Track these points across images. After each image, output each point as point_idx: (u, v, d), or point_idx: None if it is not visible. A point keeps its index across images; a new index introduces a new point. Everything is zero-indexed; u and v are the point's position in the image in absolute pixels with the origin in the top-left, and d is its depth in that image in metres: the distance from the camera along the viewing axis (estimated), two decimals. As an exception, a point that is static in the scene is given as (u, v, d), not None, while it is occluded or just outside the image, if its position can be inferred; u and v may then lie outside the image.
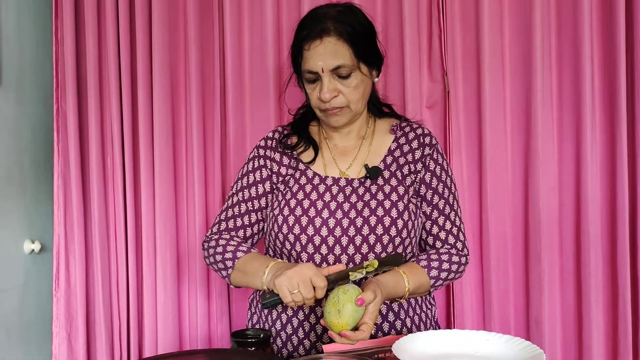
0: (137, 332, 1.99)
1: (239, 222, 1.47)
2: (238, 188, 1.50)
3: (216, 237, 1.46)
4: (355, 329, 1.20)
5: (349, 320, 1.18)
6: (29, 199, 1.99)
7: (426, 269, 1.39)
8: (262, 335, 1.25)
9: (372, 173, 1.42)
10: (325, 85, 1.36)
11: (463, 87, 1.87)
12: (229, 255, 1.40)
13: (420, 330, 1.44)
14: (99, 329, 1.95)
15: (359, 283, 1.32)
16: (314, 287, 1.21)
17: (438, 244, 1.46)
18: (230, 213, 1.48)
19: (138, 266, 1.98)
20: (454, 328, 1.87)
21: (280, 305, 1.38)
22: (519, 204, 1.87)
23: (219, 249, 1.42)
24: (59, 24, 1.93)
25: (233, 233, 1.47)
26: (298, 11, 1.89)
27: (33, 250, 1.96)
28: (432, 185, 1.45)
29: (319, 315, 1.40)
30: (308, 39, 1.36)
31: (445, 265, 1.42)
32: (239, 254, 1.39)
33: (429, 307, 1.51)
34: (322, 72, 1.35)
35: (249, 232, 1.48)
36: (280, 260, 1.34)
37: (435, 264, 1.41)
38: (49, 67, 1.99)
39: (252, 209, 1.47)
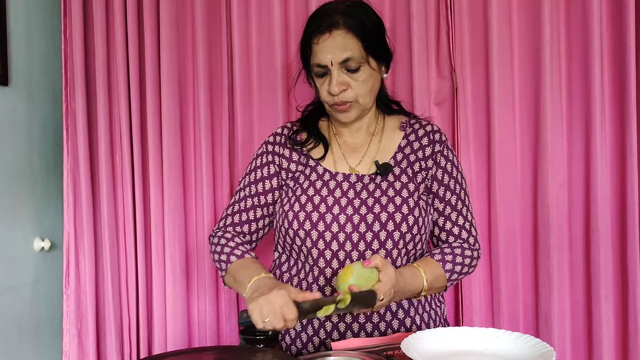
0: (146, 329, 2.00)
1: (244, 217, 1.48)
2: (245, 183, 1.50)
3: (220, 233, 1.47)
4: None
5: (359, 282, 1.21)
6: (39, 197, 2.00)
7: (441, 262, 1.40)
8: (270, 333, 1.26)
9: (383, 169, 1.42)
10: (334, 79, 1.36)
11: (471, 83, 1.87)
12: (224, 257, 1.41)
13: (429, 328, 1.44)
14: (109, 326, 1.96)
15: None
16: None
17: (451, 239, 1.46)
18: (236, 208, 1.49)
19: (147, 263, 1.99)
20: (462, 325, 1.86)
21: None
22: (528, 200, 1.86)
23: (218, 248, 1.44)
24: (68, 23, 1.94)
25: (238, 228, 1.48)
26: (305, 9, 1.89)
27: (43, 248, 1.97)
28: (444, 182, 1.45)
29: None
30: (317, 33, 1.36)
31: (459, 259, 1.42)
32: (232, 258, 1.40)
33: (438, 304, 1.50)
34: (331, 65, 1.35)
35: (254, 227, 1.49)
36: (264, 275, 1.30)
37: (449, 257, 1.41)
38: (58, 66, 2.00)
39: (258, 204, 1.48)
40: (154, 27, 1.94)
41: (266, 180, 1.48)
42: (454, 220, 1.46)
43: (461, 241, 1.46)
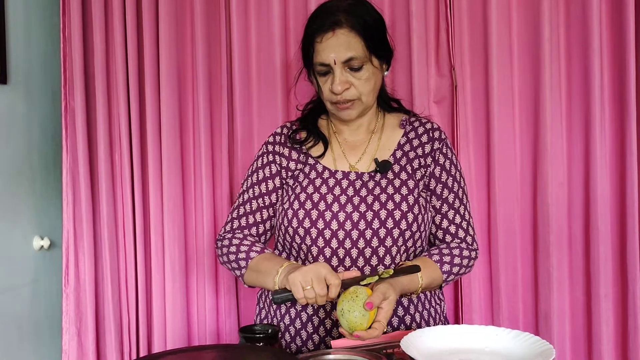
0: (146, 328, 2.00)
1: (251, 220, 1.47)
2: (248, 185, 1.50)
3: (229, 235, 1.46)
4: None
5: (361, 323, 1.18)
6: (38, 196, 2.00)
7: (438, 264, 1.40)
8: (270, 331, 1.25)
9: (382, 167, 1.42)
10: (337, 78, 1.36)
11: (471, 81, 1.87)
12: (242, 255, 1.40)
13: (429, 326, 1.44)
14: (109, 325, 1.96)
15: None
16: (327, 286, 1.21)
17: (448, 237, 1.46)
18: (242, 211, 1.48)
19: (147, 262, 1.99)
20: (462, 323, 1.86)
21: (290, 303, 1.38)
22: (528, 199, 1.86)
23: (233, 249, 1.42)
24: (67, 22, 1.94)
25: (246, 231, 1.47)
26: (305, 7, 1.89)
27: (42, 246, 1.97)
28: (442, 180, 1.45)
29: (327, 310, 1.40)
30: (320, 32, 1.36)
31: (457, 260, 1.42)
32: (252, 254, 1.39)
33: (438, 302, 1.50)
34: (334, 64, 1.35)
35: (261, 229, 1.48)
36: (294, 262, 1.34)
37: (447, 258, 1.41)
38: (57, 64, 2.00)
39: (263, 205, 1.47)
40: (153, 25, 1.94)
41: (269, 181, 1.48)
42: (451, 218, 1.46)
43: (458, 240, 1.46)
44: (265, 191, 1.47)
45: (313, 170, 1.44)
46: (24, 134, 1.94)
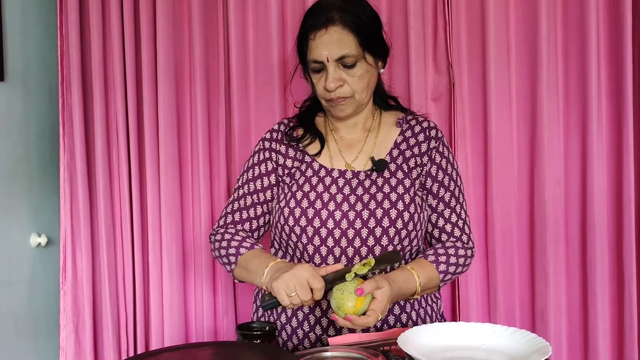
0: (143, 325, 2.00)
1: (244, 215, 1.48)
2: (244, 181, 1.50)
3: (222, 230, 1.47)
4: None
5: (349, 301, 1.20)
6: (36, 193, 1.99)
7: (434, 264, 1.39)
8: (267, 328, 1.26)
9: (379, 166, 1.42)
10: (330, 75, 1.36)
11: (468, 79, 1.87)
12: (232, 250, 1.40)
13: (426, 323, 1.44)
14: (106, 322, 1.96)
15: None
16: (312, 289, 1.21)
17: (444, 236, 1.46)
18: (236, 206, 1.49)
19: (144, 259, 1.99)
20: (459, 321, 1.87)
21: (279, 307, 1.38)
22: (525, 196, 1.87)
23: (224, 243, 1.43)
24: (64, 19, 1.93)
25: (239, 226, 1.47)
26: (302, 4, 1.88)
27: (40, 243, 1.97)
28: (438, 178, 1.45)
29: (324, 309, 1.40)
30: (313, 29, 1.36)
31: (453, 259, 1.42)
32: (242, 250, 1.39)
33: (435, 300, 1.51)
34: (327, 61, 1.35)
35: (255, 224, 1.48)
36: (280, 260, 1.33)
37: (442, 258, 1.40)
38: (54, 61, 2.00)
39: (257, 201, 1.48)
40: (150, 22, 1.93)
41: (264, 177, 1.48)
42: (447, 217, 1.46)
43: (454, 239, 1.46)
44: (260, 188, 1.48)
45: (309, 168, 1.44)
46: (21, 131, 1.93)
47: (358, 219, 1.37)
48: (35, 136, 1.99)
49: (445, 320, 1.55)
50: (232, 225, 1.48)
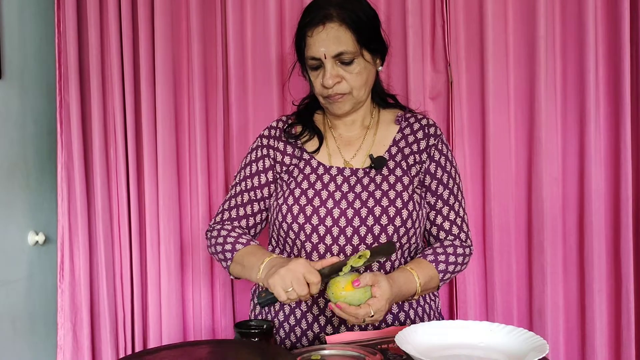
0: (141, 323, 2.00)
1: (241, 212, 1.48)
2: (241, 178, 1.50)
3: (218, 227, 1.47)
4: None
5: (343, 288, 1.22)
6: (33, 191, 1.99)
7: (434, 263, 1.39)
8: (265, 326, 1.26)
9: (377, 163, 1.42)
10: (328, 72, 1.36)
11: (466, 77, 1.87)
12: (228, 247, 1.40)
13: (424, 322, 1.44)
14: (104, 320, 1.96)
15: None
16: (308, 284, 1.21)
17: (442, 234, 1.46)
18: (232, 202, 1.49)
19: (142, 257, 1.99)
20: (457, 319, 1.87)
21: (277, 303, 1.38)
22: (523, 194, 1.87)
23: (220, 240, 1.43)
24: (62, 16, 1.93)
25: (236, 223, 1.47)
26: (300, 1, 1.88)
27: (37, 242, 1.96)
28: (437, 176, 1.45)
29: (321, 307, 1.40)
30: (311, 26, 1.36)
31: (452, 258, 1.42)
32: (238, 246, 1.39)
33: (432, 298, 1.51)
34: (325, 58, 1.35)
35: (251, 221, 1.48)
36: (275, 255, 1.33)
37: (442, 257, 1.40)
38: (52, 59, 1.99)
39: (254, 198, 1.48)
40: (148, 19, 1.93)
41: (261, 174, 1.48)
42: (446, 215, 1.46)
43: (452, 238, 1.46)
44: (257, 184, 1.47)
45: (308, 166, 1.44)
46: (18, 129, 1.93)
47: (356, 217, 1.37)
48: (32, 134, 1.99)
49: (442, 319, 1.55)
50: (229, 222, 1.48)
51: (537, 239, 1.83)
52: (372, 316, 1.22)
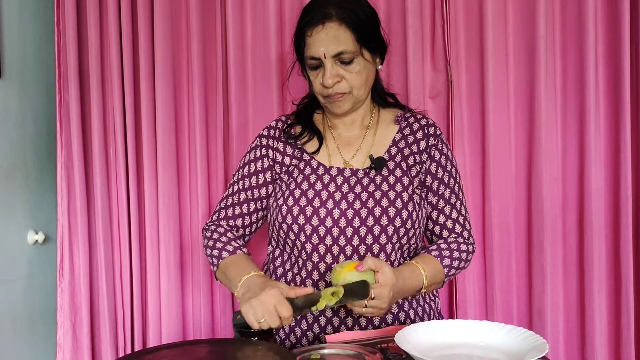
0: (140, 322, 2.00)
1: (237, 211, 1.48)
2: (239, 177, 1.50)
3: (213, 226, 1.47)
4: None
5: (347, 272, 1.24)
6: (33, 190, 1.99)
7: (438, 258, 1.39)
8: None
9: (377, 164, 1.42)
10: (327, 71, 1.36)
11: (466, 77, 1.87)
12: (216, 252, 1.41)
13: (424, 321, 1.44)
14: (103, 319, 1.96)
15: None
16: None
17: (445, 232, 1.46)
18: (229, 201, 1.49)
19: (141, 257, 1.99)
20: (456, 318, 1.87)
21: None
22: (522, 194, 1.87)
23: (211, 243, 1.43)
24: (61, 15, 1.93)
25: (232, 222, 1.48)
26: (300, 1, 1.88)
27: (37, 241, 1.96)
28: (438, 175, 1.45)
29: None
30: (310, 25, 1.36)
31: (456, 254, 1.42)
32: (224, 254, 1.39)
33: (432, 298, 1.51)
34: (324, 57, 1.35)
35: (247, 220, 1.48)
36: (254, 273, 1.30)
37: (446, 252, 1.41)
38: (51, 58, 1.99)
39: (251, 197, 1.47)
40: (148, 19, 1.93)
41: (260, 174, 1.48)
42: (448, 213, 1.46)
43: (455, 235, 1.46)
44: (255, 184, 1.47)
45: (308, 166, 1.44)
46: (18, 128, 1.93)
47: (356, 217, 1.37)
48: (32, 133, 1.99)
49: (442, 318, 1.55)
50: (225, 221, 1.48)
51: (537, 239, 1.83)
52: (373, 299, 1.21)
